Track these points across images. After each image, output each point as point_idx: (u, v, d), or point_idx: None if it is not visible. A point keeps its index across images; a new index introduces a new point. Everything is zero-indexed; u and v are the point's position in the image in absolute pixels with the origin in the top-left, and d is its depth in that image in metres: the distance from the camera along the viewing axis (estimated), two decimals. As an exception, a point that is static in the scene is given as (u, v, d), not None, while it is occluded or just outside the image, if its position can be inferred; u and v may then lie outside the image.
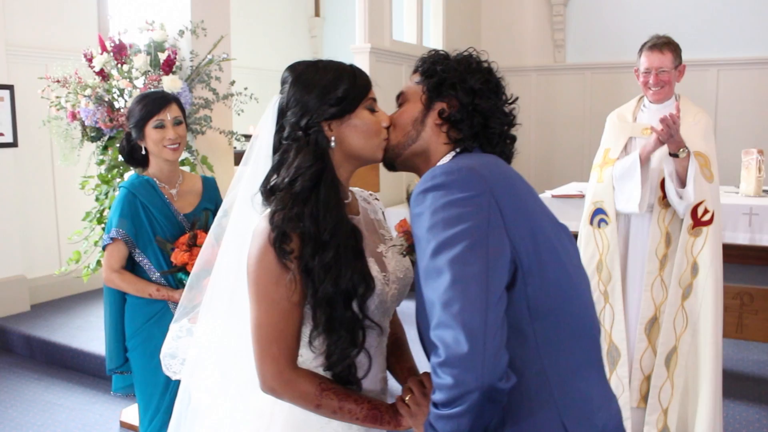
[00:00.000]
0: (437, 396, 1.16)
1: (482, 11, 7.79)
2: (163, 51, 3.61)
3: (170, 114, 2.62)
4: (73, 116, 3.58)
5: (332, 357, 1.39)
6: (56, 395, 4.11)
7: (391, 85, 6.09)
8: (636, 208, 2.92)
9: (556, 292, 1.28)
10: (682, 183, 2.88)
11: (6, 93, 4.92)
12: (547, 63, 7.26)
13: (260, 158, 1.50)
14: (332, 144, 1.44)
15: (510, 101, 1.51)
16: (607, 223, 3.06)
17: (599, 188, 3.08)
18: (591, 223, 3.11)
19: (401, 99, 1.52)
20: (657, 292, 3.02)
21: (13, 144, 5.04)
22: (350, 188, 1.59)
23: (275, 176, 1.44)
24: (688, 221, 2.94)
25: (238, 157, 5.61)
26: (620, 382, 3.06)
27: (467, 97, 1.42)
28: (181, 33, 3.82)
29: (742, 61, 6.34)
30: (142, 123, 2.60)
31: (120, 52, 3.59)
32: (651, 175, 2.95)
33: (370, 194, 1.69)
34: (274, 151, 1.47)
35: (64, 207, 5.43)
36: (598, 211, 3.07)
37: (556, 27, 7.26)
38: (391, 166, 1.52)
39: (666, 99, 3.03)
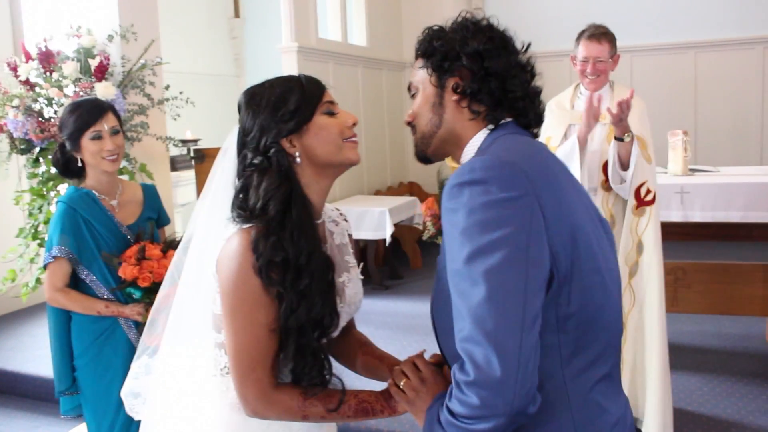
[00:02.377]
0: (457, 408, 1.10)
1: (402, 7, 7.86)
2: (93, 57, 3.47)
3: (107, 124, 2.49)
4: (0, 128, 3.41)
5: (301, 383, 1.40)
6: (-6, 423, 3.90)
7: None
8: None
9: (588, 302, 1.19)
10: (624, 166, 3.00)
11: None
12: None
13: (219, 189, 1.48)
14: (297, 159, 1.42)
15: (524, 49, 1.37)
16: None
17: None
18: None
19: (412, 89, 1.41)
20: (605, 272, 3.13)
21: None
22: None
23: (246, 198, 1.41)
24: (632, 202, 3.07)
25: (174, 162, 5.48)
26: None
27: (475, 63, 1.29)
28: (111, 38, 3.69)
29: (655, 47, 6.65)
30: (78, 134, 2.47)
31: (47, 60, 3.44)
32: (592, 158, 3.06)
33: (340, 214, 1.66)
34: (239, 178, 1.45)
35: None
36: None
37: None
38: (425, 159, 1.42)
39: (601, 87, 3.15)
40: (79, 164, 2.54)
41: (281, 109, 1.40)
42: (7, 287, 3.52)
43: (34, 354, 4.38)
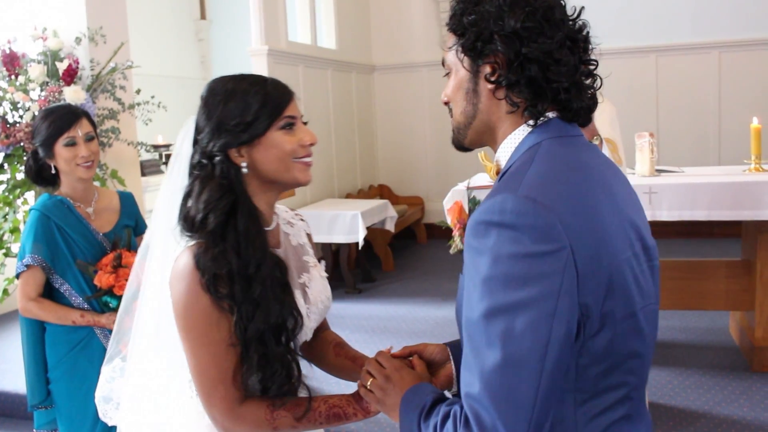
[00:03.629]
0: None
1: (371, 11, 7.87)
2: (60, 60, 3.41)
3: (81, 130, 2.44)
4: (-36, 134, 3.32)
5: (270, 391, 1.37)
6: (-39, 437, 3.80)
7: (290, 85, 6.05)
8: None
9: (615, 350, 1.08)
10: None
11: None
12: (436, 58, 7.43)
13: (176, 186, 1.42)
14: (244, 170, 1.36)
15: (572, 18, 1.16)
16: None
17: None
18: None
19: (445, 68, 1.24)
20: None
21: None
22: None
23: (187, 206, 1.37)
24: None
25: (142, 167, 5.40)
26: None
27: (512, 47, 1.11)
28: (78, 40, 3.63)
29: (619, 50, 6.78)
30: (51, 141, 2.41)
31: (12, 63, 3.36)
32: None
33: (295, 214, 1.63)
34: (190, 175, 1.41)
35: None
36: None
37: (444, 22, 7.46)
38: (462, 148, 1.28)
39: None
40: (53, 171, 2.49)
41: (236, 118, 1.34)
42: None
43: (2, 368, 4.28)
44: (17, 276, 2.48)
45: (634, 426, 1.16)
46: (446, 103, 1.25)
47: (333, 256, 6.12)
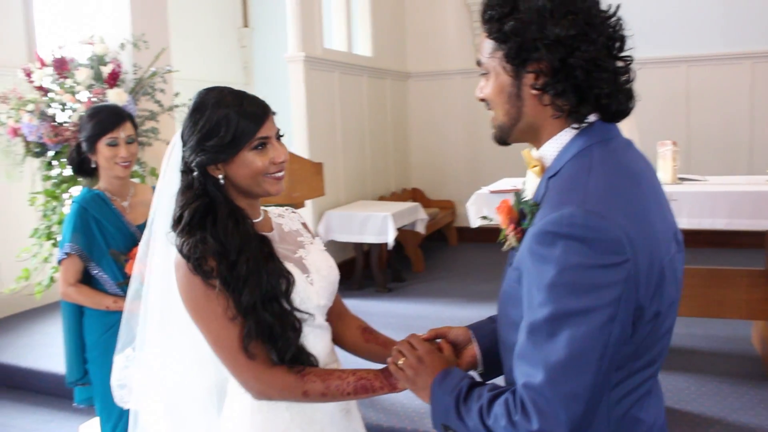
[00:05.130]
0: (499, 424, 1.14)
1: (406, 19, 8.03)
2: (105, 64, 3.65)
3: (124, 132, 2.64)
4: (14, 132, 3.58)
5: (280, 350, 1.48)
6: (8, 417, 4.05)
7: (325, 92, 6.25)
8: None
9: (652, 340, 1.17)
10: None
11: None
12: (470, 66, 7.55)
13: (173, 178, 1.58)
14: (221, 181, 1.51)
15: (608, 15, 1.17)
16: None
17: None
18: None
19: (482, 69, 1.25)
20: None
21: (-55, 163, 4.90)
22: (264, 207, 1.68)
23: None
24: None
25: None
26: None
27: (557, 55, 1.12)
28: (123, 46, 3.86)
29: (649, 60, 6.78)
30: (95, 139, 2.62)
31: (61, 67, 3.61)
32: None
33: (285, 209, 1.77)
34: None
35: (5, 225, 5.31)
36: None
37: (477, 31, 7.58)
38: (503, 143, 1.30)
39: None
40: (93, 165, 2.70)
41: (212, 140, 1.46)
42: (21, 286, 3.68)
43: (48, 351, 4.52)
44: (59, 263, 2.69)
45: (653, 400, 1.25)
46: (482, 100, 1.28)
47: (364, 256, 6.27)
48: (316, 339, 1.60)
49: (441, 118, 8.02)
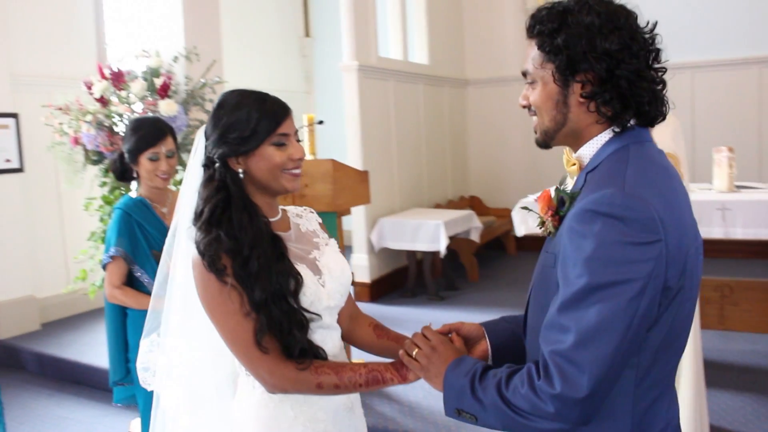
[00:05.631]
0: (521, 403, 1.21)
1: (464, 24, 8.02)
2: (158, 77, 3.81)
3: (165, 147, 2.77)
4: (76, 141, 3.79)
5: (288, 346, 1.53)
6: (67, 410, 4.28)
7: (379, 100, 6.31)
8: None
9: (674, 327, 1.25)
10: None
11: (11, 121, 5.13)
12: (530, 73, 7.46)
13: (197, 172, 1.65)
14: (241, 175, 1.58)
15: (648, 30, 1.28)
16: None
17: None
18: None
19: (529, 78, 1.35)
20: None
21: (20, 170, 5.24)
22: (283, 207, 1.74)
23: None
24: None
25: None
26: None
27: (604, 67, 1.23)
28: (176, 59, 4.03)
29: (715, 63, 6.54)
30: (137, 152, 2.76)
31: (118, 79, 3.80)
32: None
33: (304, 209, 1.82)
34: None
35: (69, 228, 5.62)
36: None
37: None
38: (546, 146, 1.40)
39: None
40: (134, 175, 2.84)
41: (234, 133, 1.54)
42: (78, 286, 3.88)
43: (106, 349, 4.75)
44: (104, 267, 2.83)
45: (672, 398, 1.33)
46: (526, 107, 1.39)
47: (417, 263, 6.28)
48: (325, 339, 1.64)
49: (500, 125, 7.96)
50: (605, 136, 1.31)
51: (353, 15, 5.86)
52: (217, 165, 1.58)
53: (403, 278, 6.39)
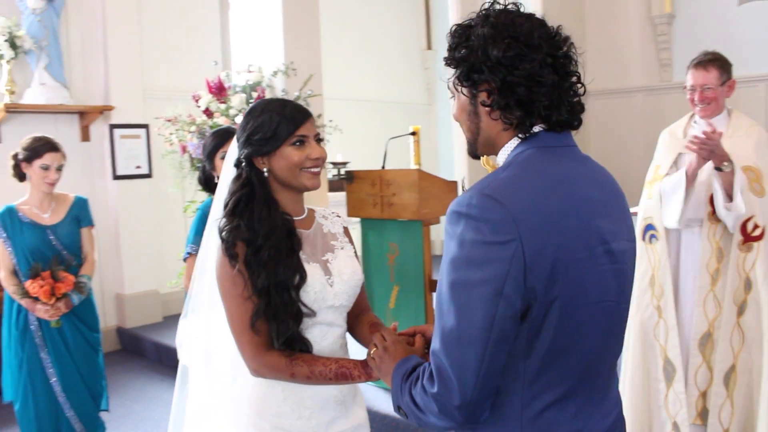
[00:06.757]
0: (419, 400, 1.27)
1: (586, 34, 7.79)
2: (255, 90, 4.11)
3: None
4: (183, 149, 4.16)
5: (278, 332, 1.67)
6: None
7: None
8: (675, 224, 2.95)
9: (562, 334, 1.23)
10: (730, 197, 2.87)
11: (143, 131, 5.68)
12: (654, 83, 7.13)
13: (230, 172, 1.81)
14: (266, 173, 1.74)
15: (553, 36, 1.29)
16: (657, 239, 3.10)
17: (649, 204, 3.14)
18: (643, 239, 3.16)
19: (449, 92, 1.42)
20: (709, 307, 3.00)
21: (148, 175, 5.78)
22: (311, 207, 1.89)
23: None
24: (738, 237, 2.91)
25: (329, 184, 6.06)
26: (677, 398, 3.06)
27: (498, 75, 1.26)
28: (275, 73, 4.31)
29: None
30: (212, 153, 3.00)
31: (220, 93, 4.13)
32: (698, 189, 2.96)
33: (332, 212, 1.95)
34: None
35: (174, 228, 6.03)
36: (649, 227, 3.12)
37: (662, 46, 7.12)
38: (475, 157, 1.47)
39: (714, 115, 3.04)
40: (216, 181, 3.08)
41: (258, 135, 1.72)
42: (180, 282, 4.25)
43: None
44: (184, 260, 3.11)
45: (579, 405, 1.28)
46: (457, 120, 1.44)
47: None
48: (325, 335, 1.77)
49: (622, 138, 7.65)
50: (514, 142, 1.33)
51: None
52: (244, 164, 1.76)
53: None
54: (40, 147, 3.18)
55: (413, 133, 4.52)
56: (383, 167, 4.27)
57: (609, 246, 1.28)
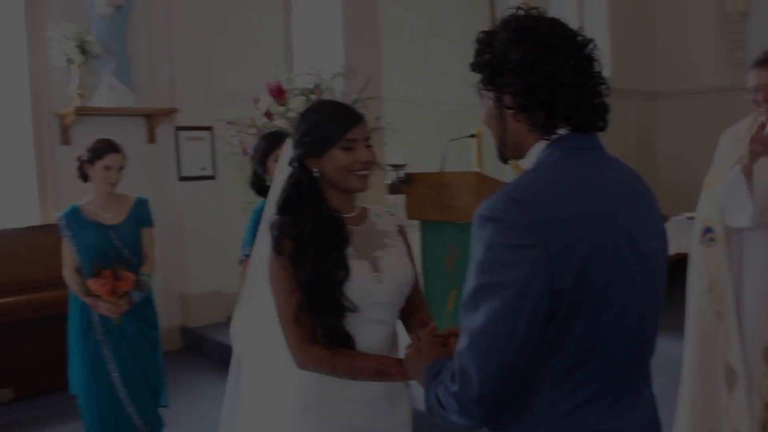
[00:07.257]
0: (441, 397, 1.29)
1: (657, 37, 7.53)
2: (313, 93, 4.13)
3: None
4: (245, 151, 4.21)
5: (321, 326, 1.70)
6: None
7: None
8: (749, 222, 2.79)
9: (589, 335, 1.23)
10: None
11: (207, 134, 5.81)
12: (726, 83, 6.83)
13: (284, 171, 1.85)
14: (316, 174, 1.77)
15: (571, 36, 1.30)
16: (715, 242, 2.95)
17: (707, 207, 3.00)
18: (701, 242, 3.02)
19: (477, 96, 1.44)
20: (775, 314, 2.83)
21: (212, 177, 5.91)
22: (366, 206, 1.91)
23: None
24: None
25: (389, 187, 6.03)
26: (739, 407, 2.90)
27: (519, 77, 1.28)
28: (334, 76, 4.32)
29: None
30: (264, 157, 3.01)
31: (279, 95, 4.16)
32: (761, 190, 2.80)
33: (387, 211, 1.97)
34: None
35: (235, 230, 6.11)
36: (707, 230, 2.98)
37: (734, 45, 6.82)
38: (504, 161, 1.46)
39: (778, 115, 2.87)
40: (268, 184, 3.10)
41: (309, 137, 1.76)
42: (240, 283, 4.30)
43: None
44: (240, 263, 3.14)
45: (611, 406, 1.28)
46: (486, 124, 1.45)
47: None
48: (372, 331, 1.78)
49: (694, 140, 7.36)
50: (540, 145, 1.34)
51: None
52: (295, 164, 1.79)
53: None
54: (102, 148, 3.26)
55: (473, 135, 4.46)
56: (441, 170, 4.22)
57: (638, 246, 1.27)
